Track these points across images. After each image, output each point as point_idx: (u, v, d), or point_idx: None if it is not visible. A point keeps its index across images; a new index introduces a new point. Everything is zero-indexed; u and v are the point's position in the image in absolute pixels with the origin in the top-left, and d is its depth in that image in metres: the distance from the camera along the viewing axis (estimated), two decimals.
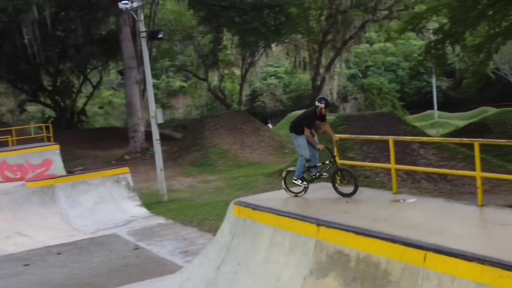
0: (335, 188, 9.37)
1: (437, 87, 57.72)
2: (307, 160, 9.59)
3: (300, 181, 9.53)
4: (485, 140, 8.35)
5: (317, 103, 9.49)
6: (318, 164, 9.71)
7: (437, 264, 5.93)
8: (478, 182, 8.01)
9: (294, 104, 60.84)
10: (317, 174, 9.65)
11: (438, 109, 57.43)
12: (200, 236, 12.94)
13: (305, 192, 9.59)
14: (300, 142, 9.57)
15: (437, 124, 49.47)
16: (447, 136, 27.84)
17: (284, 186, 9.81)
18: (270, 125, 50.62)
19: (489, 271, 5.43)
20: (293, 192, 9.67)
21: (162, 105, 56.34)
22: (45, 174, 22.72)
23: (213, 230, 12.05)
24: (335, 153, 9.67)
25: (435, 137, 22.17)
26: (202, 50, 43.43)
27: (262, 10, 28.76)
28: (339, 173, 9.49)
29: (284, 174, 10.04)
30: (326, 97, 9.98)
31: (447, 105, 61.46)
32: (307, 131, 9.44)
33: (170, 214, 16.00)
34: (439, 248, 6.00)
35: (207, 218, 14.77)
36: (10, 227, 14.43)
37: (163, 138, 27.04)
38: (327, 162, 9.69)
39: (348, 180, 9.63)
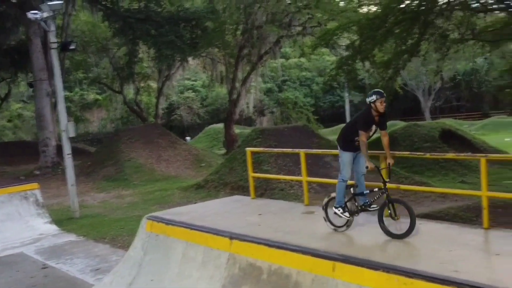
0: (382, 225, 7.12)
1: (350, 101, 59.72)
2: (351, 186, 7.70)
3: (341, 211, 7.52)
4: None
5: (370, 98, 7.27)
6: (365, 192, 7.65)
7: (345, 273, 6.07)
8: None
9: (212, 118, 61.02)
10: (365, 204, 7.54)
11: None
12: (113, 252, 12.60)
13: (348, 227, 7.55)
14: (344, 158, 7.66)
15: None
16: None
17: (324, 215, 7.75)
18: (188, 139, 50.42)
19: (394, 280, 5.63)
20: (333, 225, 7.63)
21: (76, 118, 54.74)
22: None
23: (126, 246, 11.76)
24: (388, 178, 7.38)
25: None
26: (118, 63, 42.63)
27: (178, 24, 28.68)
28: (390, 205, 7.10)
29: (326, 200, 7.89)
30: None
31: None
32: (363, 136, 7.22)
33: (82, 231, 15.48)
34: (346, 258, 6.17)
35: (120, 234, 14.41)
36: None
37: (76, 152, 26.25)
38: (376, 189, 7.50)
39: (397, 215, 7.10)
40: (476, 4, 17.42)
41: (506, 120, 53.13)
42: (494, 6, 17.32)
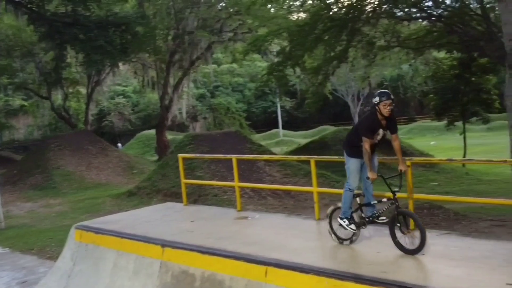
0: (394, 238, 6.41)
1: (282, 107, 60.52)
2: (357, 195, 6.99)
3: (346, 222, 6.82)
4: (320, 157, 8.88)
5: (376, 99, 6.52)
6: (373, 202, 6.90)
7: (277, 278, 6.14)
8: (315, 197, 8.49)
9: (143, 124, 60.18)
10: (373, 216, 6.82)
11: (283, 128, 60.14)
12: (41, 264, 12.19)
13: (353, 241, 6.90)
14: (350, 165, 6.96)
15: (282, 142, 51.66)
16: (290, 153, 29.15)
17: (328, 227, 7.10)
18: (119, 145, 49.52)
19: (324, 282, 5.73)
20: (338, 238, 6.97)
21: (0, 125, 52.63)
22: None
23: (55, 257, 11.41)
24: (398, 188, 6.62)
25: (276, 155, 23.08)
26: (45, 68, 41.29)
27: (107, 28, 28.11)
28: (400, 217, 6.41)
29: (330, 210, 7.22)
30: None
31: (291, 124, 64.67)
32: (366, 143, 6.58)
33: (8, 242, 14.91)
34: (279, 263, 6.24)
35: (48, 245, 13.98)
36: None
37: (1, 160, 25.28)
38: (385, 200, 6.75)
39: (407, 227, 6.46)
40: (401, 13, 18.04)
41: (431, 124, 55.27)
42: (417, 15, 17.99)
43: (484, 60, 23.05)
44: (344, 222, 6.78)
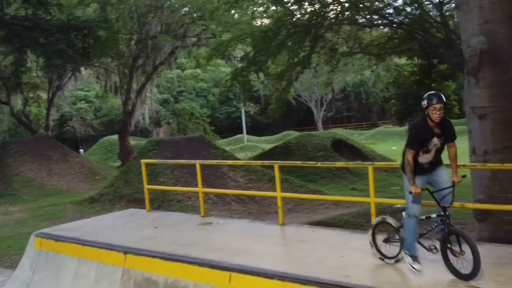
0: (447, 261, 5.58)
1: (246, 112, 60.57)
2: (403, 210, 6.06)
3: (411, 260, 5.79)
4: (283, 162, 8.92)
5: (424, 103, 5.54)
6: (421, 218, 5.92)
7: (241, 283, 6.13)
8: (279, 202, 8.52)
9: (106, 129, 59.48)
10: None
11: (247, 133, 60.22)
12: None
13: (399, 260, 6.12)
14: (408, 186, 5.80)
15: (246, 147, 51.69)
16: (254, 159, 29.16)
17: (370, 238, 6.34)
18: (81, 151, 48.77)
19: (288, 287, 5.75)
20: (383, 255, 6.24)
21: None
22: None
23: (15, 266, 11.13)
24: (449, 203, 5.73)
25: (240, 161, 23.09)
26: (4, 72, 40.40)
27: (69, 32, 27.69)
28: (452, 237, 5.56)
29: (375, 222, 6.48)
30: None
31: (255, 129, 64.86)
32: (409, 153, 5.65)
33: None
34: (242, 268, 6.23)
35: (7, 253, 13.65)
36: None
37: None
38: (433, 216, 5.86)
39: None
40: (363, 20, 18.29)
41: (393, 130, 56.13)
42: (379, 22, 18.28)
43: (444, 67, 23.57)
44: (408, 260, 5.80)
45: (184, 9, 31.34)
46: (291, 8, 18.09)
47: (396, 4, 18.22)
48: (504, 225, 7.53)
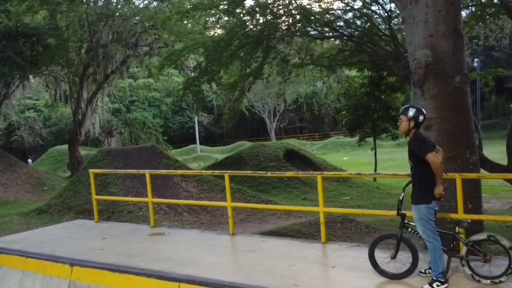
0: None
1: (199, 122, 60.39)
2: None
3: (441, 285, 5.55)
4: (234, 172, 8.92)
5: (422, 117, 5.87)
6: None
7: None
8: (229, 212, 8.51)
9: (56, 139, 58.25)
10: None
11: (201, 143, 60.02)
12: None
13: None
14: (423, 213, 5.73)
15: (200, 157, 51.48)
16: (207, 169, 29.06)
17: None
18: (29, 161, 47.55)
19: None
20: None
21: None
22: None
23: None
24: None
25: (192, 170, 23.01)
26: None
27: (17, 39, 27.07)
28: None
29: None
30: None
31: (209, 139, 64.72)
32: (434, 157, 5.64)
33: None
34: (191, 279, 6.19)
35: None
36: None
37: None
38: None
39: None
40: (314, 32, 18.54)
41: (344, 140, 56.99)
42: (330, 34, 18.57)
43: (393, 79, 24.09)
44: (436, 286, 5.54)
45: (136, 18, 31.06)
46: (243, 19, 18.18)
47: (346, 17, 18.56)
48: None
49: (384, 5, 17.89)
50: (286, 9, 17.70)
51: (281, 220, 17.04)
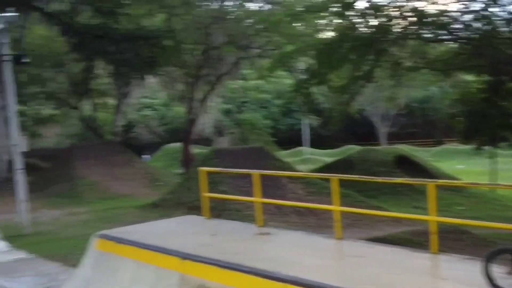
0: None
1: (308, 124, 60.34)
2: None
3: None
4: (342, 175, 8.85)
5: None
6: None
7: None
8: (336, 216, 8.44)
9: (170, 137, 60.57)
10: None
11: (309, 146, 59.96)
12: (64, 271, 12.30)
13: None
14: None
15: (307, 160, 51.52)
16: (315, 171, 29.03)
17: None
18: (145, 157, 49.84)
19: None
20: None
21: (31, 133, 53.51)
22: None
23: (78, 265, 11.56)
24: None
25: (299, 172, 23.06)
26: (74, 78, 42.05)
27: (136, 41, 28.54)
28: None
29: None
30: None
31: (317, 142, 64.44)
32: None
33: (33, 248, 15.09)
34: (296, 280, 6.21)
35: (72, 252, 14.09)
36: None
37: (29, 167, 25.59)
38: None
39: None
40: (429, 34, 17.97)
41: (459, 148, 54.57)
42: (445, 37, 17.91)
43: None
44: None
45: (248, 21, 31.65)
46: (355, 21, 17.98)
47: (464, 19, 17.78)
48: None
49: (505, 6, 16.97)
50: (399, 11, 17.29)
51: (389, 228, 16.68)
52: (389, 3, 17.27)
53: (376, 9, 16.97)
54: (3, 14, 17.45)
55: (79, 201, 24.71)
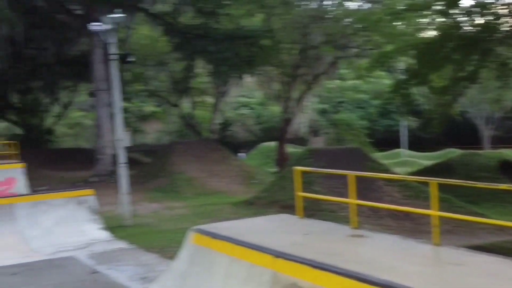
0: None
1: (406, 126, 58.80)
2: None
3: None
4: (441, 179, 8.51)
5: None
6: None
7: None
8: (434, 221, 8.14)
9: (266, 135, 61.23)
10: None
11: (407, 148, 58.42)
12: (161, 262, 12.74)
13: None
14: None
15: (406, 162, 50.17)
16: (413, 174, 28.21)
17: None
18: (241, 155, 50.69)
19: None
20: None
21: (134, 129, 56.06)
22: (6, 192, 22.28)
23: (174, 257, 11.92)
24: None
25: (397, 175, 22.49)
26: (175, 77, 43.51)
27: (235, 41, 29.08)
28: None
29: None
30: None
31: (415, 144, 62.59)
32: None
33: (133, 239, 15.73)
34: (391, 285, 6.06)
35: (169, 245, 14.57)
36: None
37: (131, 162, 26.78)
38: None
39: None
40: None
41: None
42: None
43: None
44: None
45: (347, 20, 31.32)
46: (459, 19, 17.30)
47: None
48: None
49: None
50: (508, 9, 16.44)
51: (491, 236, 15.93)
52: (497, 0, 16.47)
53: (482, 7, 16.25)
54: (111, 15, 18.32)
55: (177, 196, 25.49)
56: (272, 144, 48.50)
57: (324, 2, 33.00)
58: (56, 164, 36.03)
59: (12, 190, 22.53)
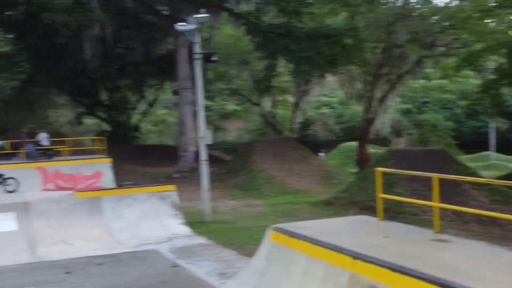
0: None
1: (495, 128, 56.34)
2: None
3: None
4: None
5: None
6: None
7: None
8: None
9: (346, 135, 60.54)
10: None
11: (496, 151, 55.99)
12: (239, 259, 12.87)
13: None
14: None
15: (493, 166, 48.13)
16: (502, 179, 26.96)
17: None
18: (321, 154, 50.37)
19: None
20: None
21: (215, 127, 57.08)
22: (95, 185, 23.29)
23: (252, 255, 12.00)
24: None
25: (483, 179, 21.60)
26: (257, 75, 43.87)
27: (318, 40, 28.93)
28: None
29: None
30: None
31: (505, 147, 59.73)
32: None
33: (212, 235, 15.98)
34: None
35: (248, 242, 14.68)
36: (55, 235, 14.70)
37: (213, 159, 27.30)
38: None
39: None
40: None
41: None
42: None
43: None
44: None
45: (434, 18, 30.39)
46: None
47: None
48: None
49: None
50: None
51: None
52: None
53: None
54: (196, 15, 18.70)
55: (256, 193, 25.66)
56: (353, 144, 47.89)
57: (410, 0, 32.24)
58: (141, 160, 37.27)
59: (100, 184, 23.56)
